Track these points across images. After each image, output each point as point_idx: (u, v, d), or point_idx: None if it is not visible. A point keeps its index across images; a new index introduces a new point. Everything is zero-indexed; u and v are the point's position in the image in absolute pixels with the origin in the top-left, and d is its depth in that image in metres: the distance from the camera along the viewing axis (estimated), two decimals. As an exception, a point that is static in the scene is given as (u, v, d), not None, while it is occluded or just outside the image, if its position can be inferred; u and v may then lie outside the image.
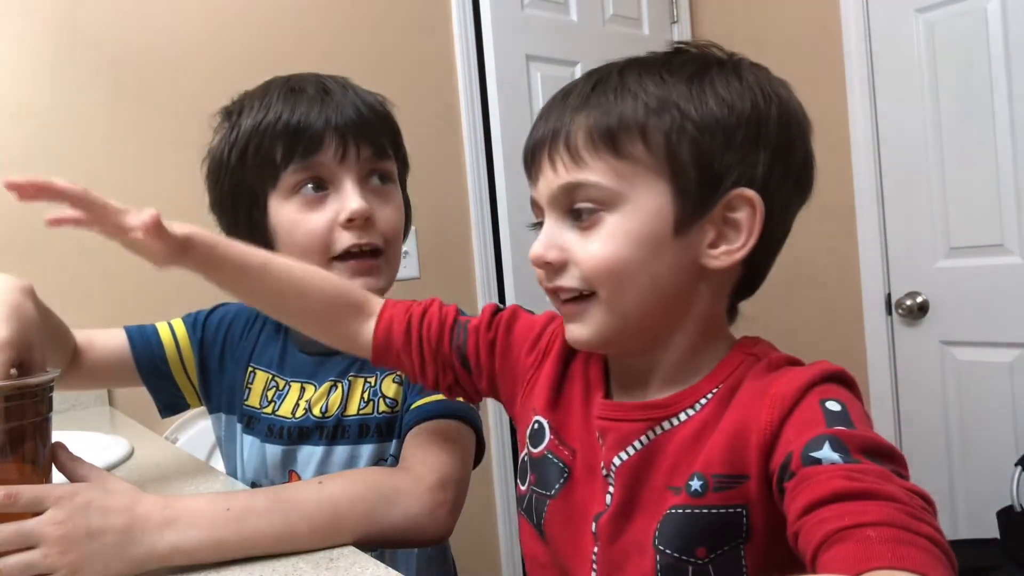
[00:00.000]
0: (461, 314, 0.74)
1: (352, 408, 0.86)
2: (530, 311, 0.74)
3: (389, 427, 0.85)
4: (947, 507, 1.96)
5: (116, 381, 0.99)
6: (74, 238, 1.51)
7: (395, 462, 0.83)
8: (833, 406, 0.49)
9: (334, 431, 0.85)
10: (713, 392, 0.57)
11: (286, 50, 1.76)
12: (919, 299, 2.00)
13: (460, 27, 2.05)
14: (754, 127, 0.56)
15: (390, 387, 0.86)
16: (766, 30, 2.25)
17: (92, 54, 1.56)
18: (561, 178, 0.57)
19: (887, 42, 2.02)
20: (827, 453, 0.46)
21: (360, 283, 0.81)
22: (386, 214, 0.87)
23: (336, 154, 0.83)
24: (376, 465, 0.84)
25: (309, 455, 0.86)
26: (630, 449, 0.59)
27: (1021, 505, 1.51)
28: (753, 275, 0.62)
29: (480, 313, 0.74)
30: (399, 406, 0.85)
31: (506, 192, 2.07)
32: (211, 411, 0.98)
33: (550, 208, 0.59)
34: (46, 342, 0.70)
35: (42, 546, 0.56)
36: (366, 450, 0.84)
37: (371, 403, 0.86)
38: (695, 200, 0.55)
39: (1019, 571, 1.42)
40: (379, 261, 0.86)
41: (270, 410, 0.89)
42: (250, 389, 0.92)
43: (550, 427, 0.65)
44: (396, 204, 0.89)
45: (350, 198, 0.83)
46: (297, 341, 0.93)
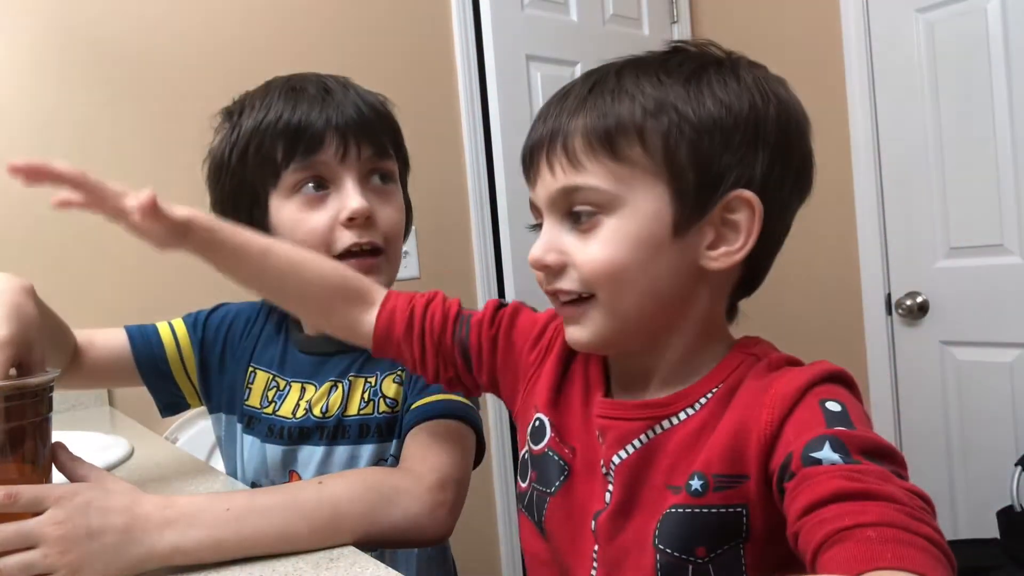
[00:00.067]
0: (464, 309, 0.74)
1: (352, 408, 0.86)
2: (532, 308, 0.74)
3: (389, 427, 0.85)
4: (947, 507, 1.96)
5: (116, 381, 0.99)
6: (74, 238, 1.52)
7: (395, 462, 0.83)
8: (833, 406, 0.50)
9: (334, 431, 0.85)
10: (713, 392, 0.57)
11: (286, 50, 1.77)
12: (919, 299, 2.00)
13: (460, 27, 2.05)
14: (752, 127, 0.56)
15: (390, 387, 0.86)
16: (766, 30, 2.25)
17: (92, 54, 1.56)
18: (559, 181, 0.57)
19: (887, 42, 2.02)
20: (827, 453, 0.46)
21: None
22: (387, 213, 0.87)
23: (337, 153, 0.83)
24: (376, 465, 0.84)
25: (309, 455, 0.86)
26: (629, 448, 0.59)
27: (1021, 505, 1.51)
28: (753, 275, 0.62)
29: (483, 308, 0.74)
30: (399, 406, 0.85)
31: (506, 192, 2.07)
32: (211, 411, 0.98)
33: (549, 211, 0.59)
34: (46, 342, 0.70)
35: (42, 546, 0.56)
36: (366, 450, 0.84)
37: (371, 403, 0.86)
38: (693, 202, 0.55)
39: (1019, 571, 1.42)
40: (379, 260, 0.86)
41: (271, 410, 0.89)
42: (250, 389, 0.92)
43: (551, 424, 0.65)
44: (397, 203, 0.90)
45: (351, 197, 0.83)
46: (297, 341, 0.93)
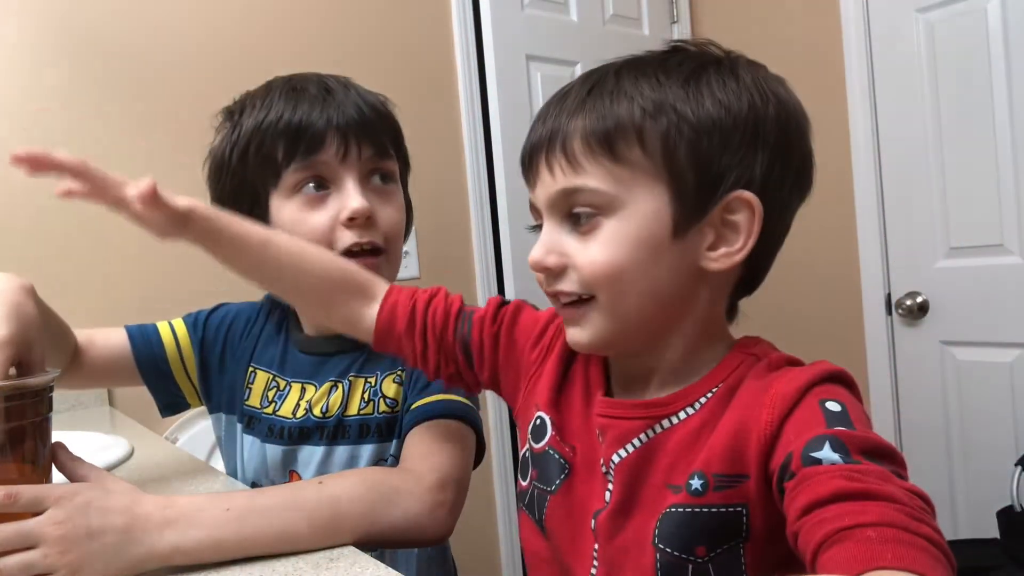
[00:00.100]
0: (466, 305, 0.74)
1: (352, 408, 0.86)
2: (534, 306, 0.74)
3: (389, 427, 0.85)
4: (947, 507, 1.96)
5: (116, 380, 0.99)
6: (74, 237, 1.52)
7: (395, 462, 0.83)
8: (833, 406, 0.50)
9: (335, 431, 0.85)
10: (713, 391, 0.57)
11: (286, 50, 1.77)
12: (919, 299, 2.00)
13: (460, 27, 2.05)
14: (751, 128, 0.56)
15: (390, 387, 0.86)
16: (766, 30, 2.25)
17: (93, 54, 1.56)
18: (559, 183, 0.57)
19: (887, 42, 2.02)
20: (827, 453, 0.46)
21: None
22: (387, 213, 0.87)
23: (338, 153, 0.83)
24: (376, 465, 0.84)
25: (310, 455, 0.86)
26: (629, 447, 0.59)
27: (1021, 505, 1.51)
28: (753, 274, 0.62)
29: (485, 305, 0.74)
30: (399, 406, 0.85)
31: (506, 192, 2.07)
32: (211, 411, 0.98)
33: (548, 212, 0.59)
34: (46, 341, 0.70)
35: (42, 546, 0.56)
36: (366, 450, 0.84)
37: (371, 403, 0.86)
38: (693, 203, 0.55)
39: (1019, 571, 1.42)
40: (380, 260, 0.86)
41: (271, 410, 0.89)
42: (250, 389, 0.92)
43: (552, 423, 0.65)
44: (397, 203, 0.90)
45: (351, 197, 0.83)
46: (298, 342, 0.93)
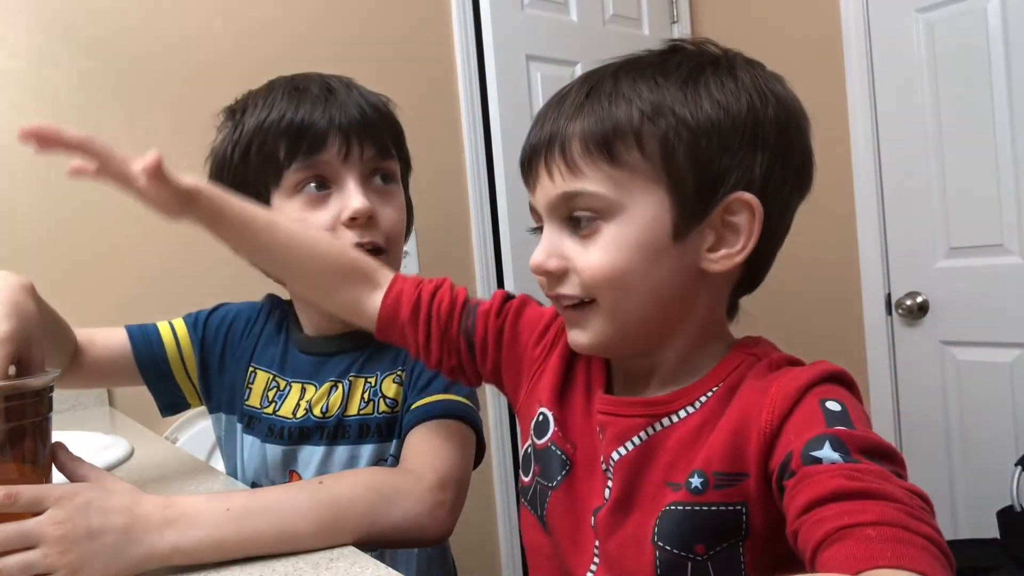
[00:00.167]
0: (471, 298, 0.74)
1: (352, 408, 0.86)
2: (539, 301, 0.74)
3: (389, 427, 0.85)
4: (947, 507, 1.96)
5: (117, 380, 0.99)
6: (75, 236, 1.52)
7: (395, 462, 0.83)
8: (833, 406, 0.50)
9: (335, 431, 0.85)
10: (713, 391, 0.57)
11: (286, 50, 1.77)
12: (919, 299, 2.00)
13: (460, 27, 2.05)
14: (750, 128, 0.56)
15: (390, 387, 0.86)
16: (766, 30, 2.25)
17: (94, 53, 1.56)
18: (558, 187, 0.57)
19: (887, 42, 2.02)
20: (827, 452, 0.46)
21: None
22: (388, 213, 0.87)
23: (339, 153, 0.83)
24: (376, 465, 0.84)
25: (310, 455, 0.86)
26: (629, 444, 0.59)
27: (1021, 505, 1.51)
28: (753, 274, 0.62)
29: (490, 299, 0.73)
30: (399, 406, 0.85)
31: (506, 192, 2.07)
32: (211, 411, 0.98)
33: (548, 216, 0.59)
34: (46, 340, 0.70)
35: (42, 546, 0.56)
36: (366, 450, 0.84)
37: (371, 403, 0.86)
38: (693, 205, 0.55)
39: (1019, 571, 1.42)
40: (380, 260, 0.86)
41: (271, 410, 0.89)
42: (251, 389, 0.92)
43: (554, 419, 0.65)
44: (398, 204, 0.90)
45: (353, 197, 0.83)
46: (298, 342, 0.93)
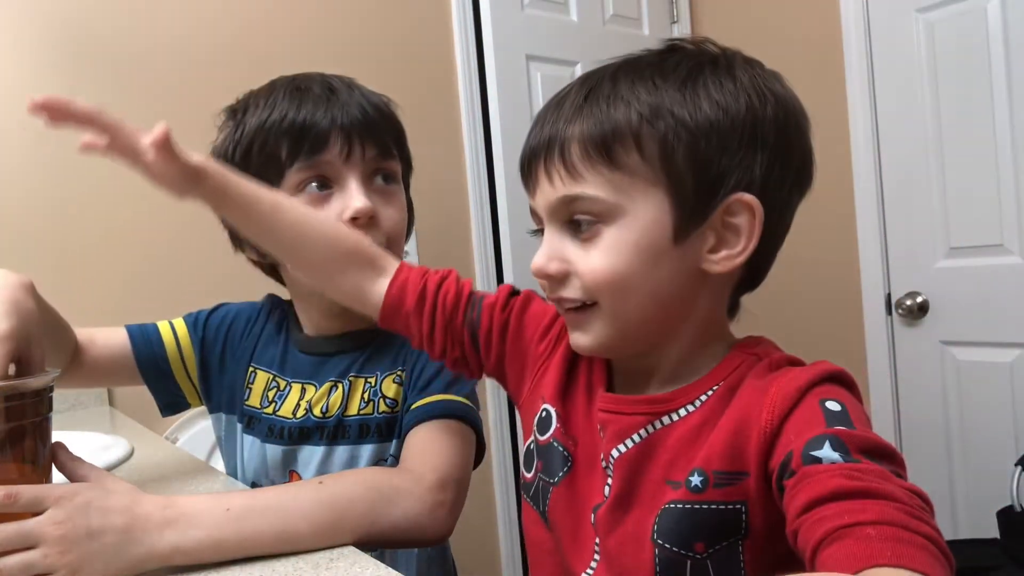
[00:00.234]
0: (476, 290, 0.74)
1: (352, 408, 0.86)
2: (543, 298, 0.74)
3: (389, 427, 0.85)
4: (947, 507, 1.96)
5: (117, 379, 0.99)
6: (75, 236, 1.52)
7: (395, 462, 0.83)
8: (833, 406, 0.50)
9: (335, 431, 0.85)
10: (714, 390, 0.58)
11: (286, 49, 1.77)
12: (919, 299, 2.00)
13: (460, 27, 2.05)
14: (750, 129, 0.55)
15: (390, 387, 0.86)
16: (766, 30, 2.25)
17: (95, 52, 1.56)
18: (558, 191, 0.57)
19: (887, 42, 2.02)
20: (827, 452, 0.46)
21: None
22: (389, 214, 0.87)
23: (341, 153, 0.83)
24: (376, 465, 0.84)
25: (310, 455, 0.86)
26: (628, 442, 0.59)
27: (1021, 505, 1.51)
28: (754, 273, 0.62)
29: (496, 292, 0.73)
30: (399, 406, 0.85)
31: (506, 192, 2.07)
32: (211, 411, 0.98)
33: (549, 219, 0.60)
34: (46, 339, 0.70)
35: (42, 546, 0.56)
36: (366, 450, 0.85)
37: (371, 403, 0.86)
38: (693, 207, 0.55)
39: (1019, 571, 1.42)
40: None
41: (271, 410, 0.89)
42: (251, 389, 0.92)
43: (557, 415, 0.65)
44: (399, 204, 0.90)
45: (354, 197, 0.83)
46: (298, 342, 0.93)
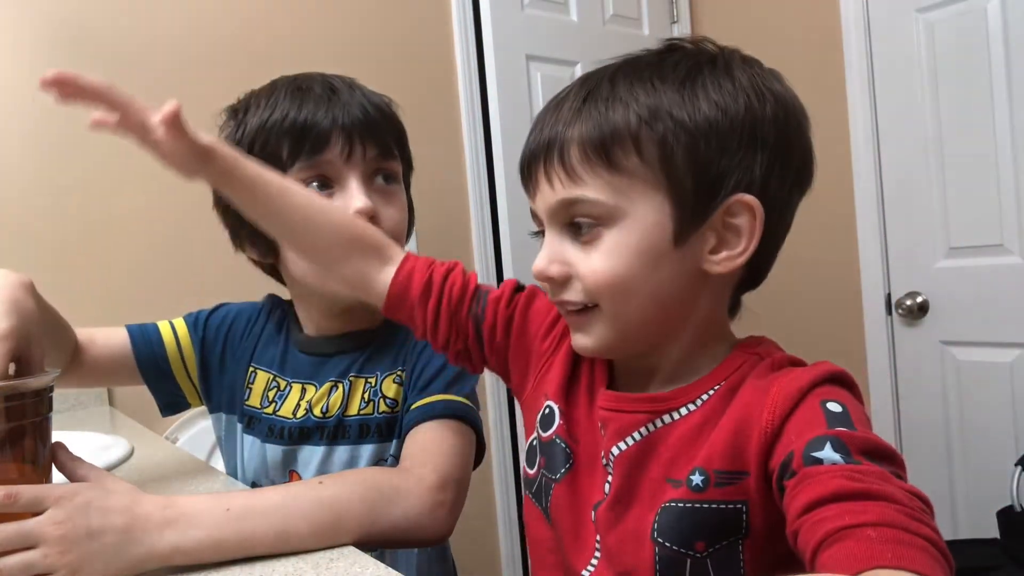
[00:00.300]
0: (481, 284, 0.73)
1: (353, 408, 0.86)
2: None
3: (389, 427, 0.85)
4: (947, 507, 1.96)
5: (117, 379, 0.99)
6: (75, 236, 1.52)
7: (395, 462, 0.83)
8: (834, 407, 0.50)
9: (335, 431, 0.85)
10: (715, 389, 0.58)
11: (286, 49, 1.77)
12: (919, 299, 2.00)
13: (460, 27, 2.05)
14: (749, 129, 0.55)
15: (390, 387, 0.86)
16: (766, 30, 2.25)
17: (95, 51, 1.56)
18: (558, 194, 0.57)
19: (887, 42, 2.02)
20: (828, 453, 0.46)
21: None
22: (390, 214, 0.87)
23: (342, 153, 0.83)
24: (376, 465, 0.84)
25: (310, 455, 0.86)
26: (629, 440, 0.59)
27: (1021, 505, 1.51)
28: (755, 272, 0.62)
29: (501, 287, 0.73)
30: (399, 406, 0.85)
31: (506, 191, 2.07)
32: (211, 411, 0.98)
33: (550, 222, 0.60)
34: (46, 338, 0.70)
35: (42, 546, 0.56)
36: (367, 450, 0.85)
37: (371, 403, 0.86)
38: (693, 209, 0.55)
39: (1019, 571, 1.42)
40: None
41: (271, 410, 0.89)
42: (251, 389, 0.92)
43: (560, 412, 0.65)
44: (400, 204, 0.90)
45: (355, 197, 0.83)
46: (298, 342, 0.93)
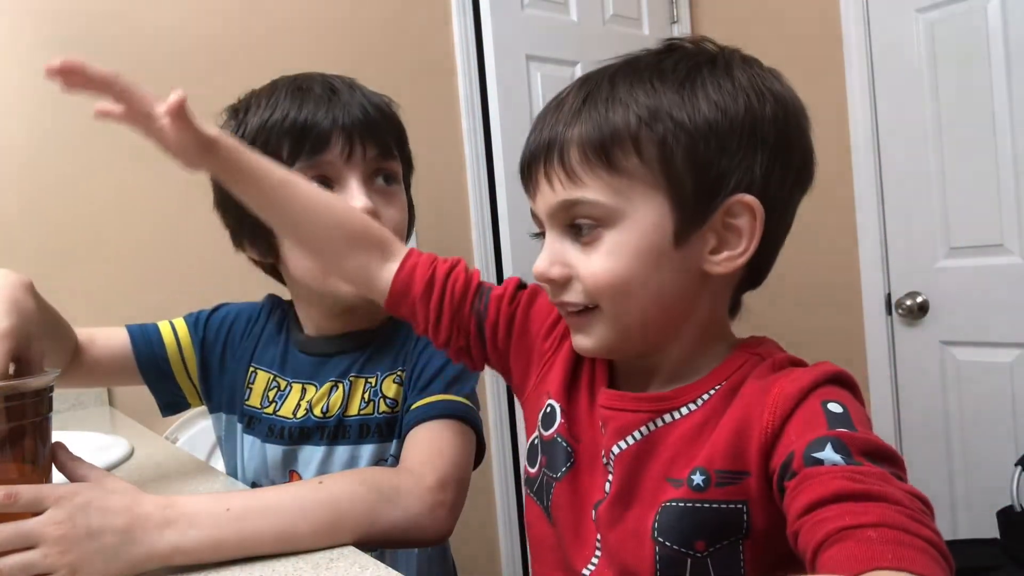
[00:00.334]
0: (484, 281, 0.73)
1: (353, 408, 0.86)
2: None
3: (390, 427, 0.85)
4: (947, 507, 1.96)
5: (117, 379, 0.99)
6: (76, 236, 1.52)
7: (395, 462, 0.83)
8: (835, 408, 0.50)
9: (335, 431, 0.85)
10: (716, 389, 0.58)
11: (287, 50, 1.77)
12: (919, 299, 2.00)
13: (460, 27, 2.05)
14: (749, 129, 0.55)
15: (391, 387, 0.86)
16: (766, 30, 2.25)
17: (97, 50, 1.55)
18: (558, 195, 0.57)
19: (887, 42, 2.02)
20: (829, 454, 0.46)
21: None
22: (390, 214, 0.87)
23: (342, 153, 0.83)
24: (376, 465, 0.84)
25: (310, 455, 0.86)
26: (629, 439, 0.59)
27: (1021, 505, 1.51)
28: (756, 272, 0.62)
29: (503, 284, 0.73)
30: (399, 406, 0.85)
31: (506, 191, 2.07)
32: (211, 411, 0.98)
33: (550, 223, 0.60)
34: (46, 338, 0.70)
35: (42, 546, 0.56)
36: (367, 450, 0.85)
37: (372, 403, 0.86)
38: (693, 209, 0.55)
39: (1019, 571, 1.42)
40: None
41: (271, 410, 0.89)
42: (251, 389, 0.92)
43: (562, 411, 0.65)
44: (400, 204, 0.90)
45: (355, 197, 0.83)
46: (298, 342, 0.93)
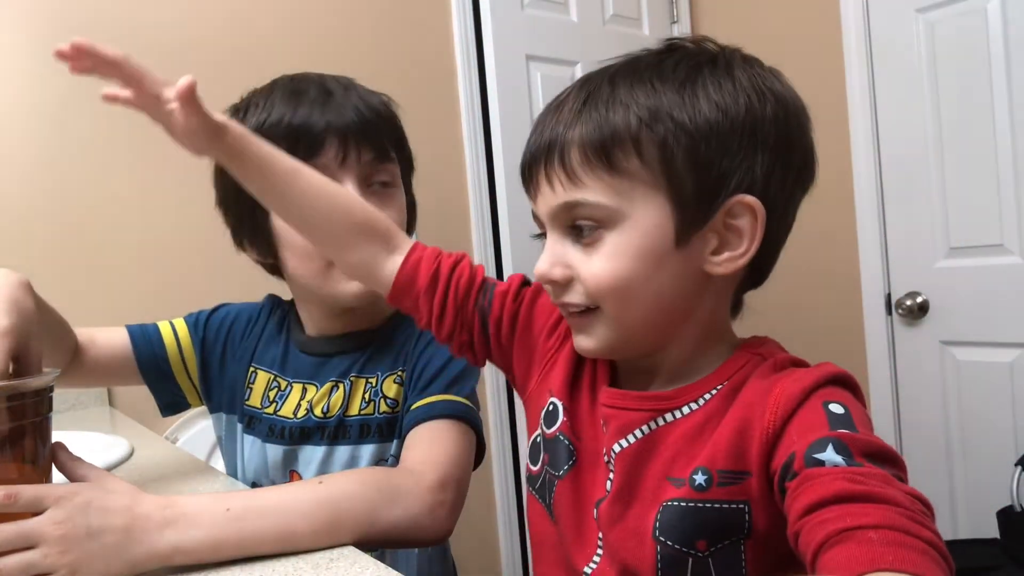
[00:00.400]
0: (488, 277, 0.74)
1: (353, 408, 0.86)
2: None
3: (390, 427, 0.85)
4: (947, 507, 1.96)
5: (117, 379, 0.99)
6: (76, 236, 1.52)
7: (396, 462, 0.83)
8: (836, 409, 0.50)
9: (335, 431, 0.85)
10: (717, 389, 0.58)
11: (287, 49, 1.76)
12: (919, 299, 2.00)
13: (460, 27, 2.05)
14: (749, 129, 0.55)
15: (391, 388, 0.86)
16: (766, 30, 2.25)
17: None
18: (559, 197, 0.57)
19: (887, 42, 2.02)
20: (830, 455, 0.46)
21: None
22: (388, 216, 0.87)
23: (337, 156, 0.83)
24: (377, 465, 0.84)
25: (310, 455, 0.86)
26: (631, 437, 0.59)
27: (1021, 505, 1.51)
28: (757, 272, 0.62)
29: (508, 280, 0.73)
30: (400, 406, 0.85)
31: (506, 191, 2.07)
32: (212, 411, 0.98)
33: (551, 225, 0.60)
34: (46, 338, 0.70)
35: (42, 546, 0.56)
36: (367, 450, 0.85)
37: (372, 403, 0.86)
38: (694, 210, 0.55)
39: (1019, 571, 1.42)
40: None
41: (271, 410, 0.89)
42: (251, 389, 0.92)
43: (564, 409, 0.66)
44: (397, 206, 0.89)
45: None
46: (299, 342, 0.93)
